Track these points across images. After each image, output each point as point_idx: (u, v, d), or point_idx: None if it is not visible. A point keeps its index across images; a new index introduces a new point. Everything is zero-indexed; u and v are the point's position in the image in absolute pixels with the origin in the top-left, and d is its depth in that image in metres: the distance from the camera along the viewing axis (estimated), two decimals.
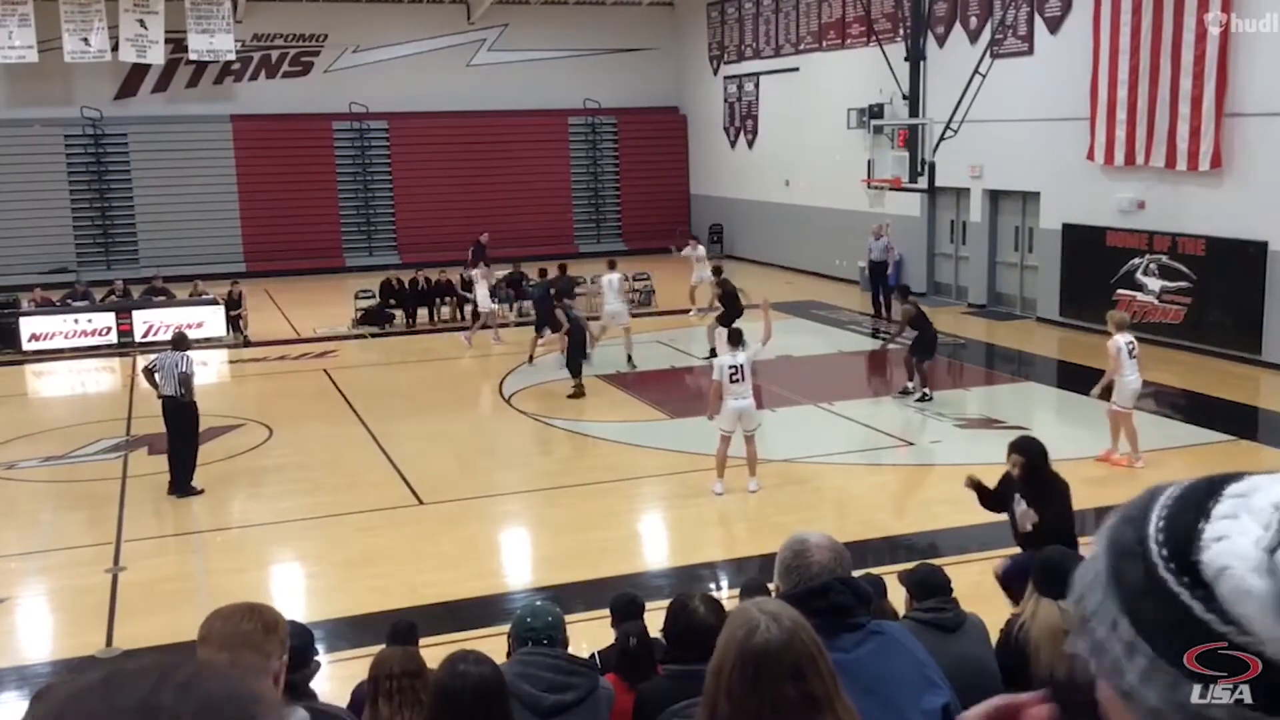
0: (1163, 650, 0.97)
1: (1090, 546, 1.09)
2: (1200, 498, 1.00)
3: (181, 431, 12.15)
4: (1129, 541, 1.02)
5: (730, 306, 17.48)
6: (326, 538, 11.07)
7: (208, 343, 20.62)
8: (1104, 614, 1.02)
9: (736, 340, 11.86)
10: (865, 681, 2.59)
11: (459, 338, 20.31)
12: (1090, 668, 1.05)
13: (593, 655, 5.89)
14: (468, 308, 22.32)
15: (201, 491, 12.18)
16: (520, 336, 19.44)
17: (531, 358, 18.04)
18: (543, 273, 19.47)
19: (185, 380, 11.95)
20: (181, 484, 12.15)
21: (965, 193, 22.97)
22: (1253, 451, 13.30)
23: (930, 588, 5.09)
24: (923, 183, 21.64)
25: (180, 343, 12.34)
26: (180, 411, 12.08)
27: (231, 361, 19.44)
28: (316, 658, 4.25)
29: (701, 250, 23.75)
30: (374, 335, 21.59)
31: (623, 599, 6.18)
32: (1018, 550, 7.25)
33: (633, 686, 4.74)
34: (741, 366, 11.49)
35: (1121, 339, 12.01)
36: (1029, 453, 7.17)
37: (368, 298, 22.79)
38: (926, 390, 15.34)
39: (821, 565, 2.70)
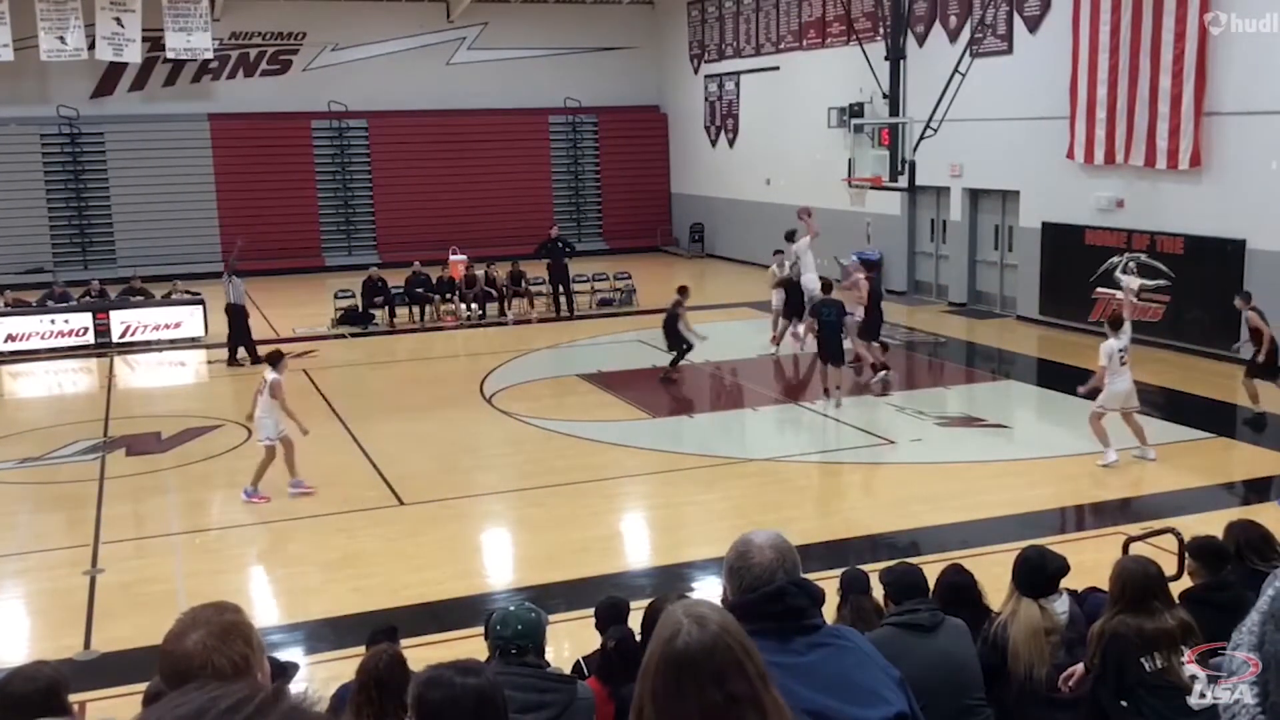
0: None
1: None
2: None
3: None
4: None
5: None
6: (306, 539, 11.01)
7: (188, 342, 20.56)
8: None
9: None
10: (820, 685, 2.56)
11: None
12: None
13: (577, 661, 5.87)
14: (444, 308, 22.22)
15: None
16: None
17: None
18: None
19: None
20: None
21: (945, 191, 23.03)
22: (1230, 449, 13.39)
23: (907, 587, 5.10)
24: (903, 181, 21.67)
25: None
26: None
27: (210, 362, 19.32)
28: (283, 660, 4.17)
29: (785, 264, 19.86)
30: (354, 335, 21.50)
31: (605, 603, 6.16)
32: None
33: (615, 690, 4.72)
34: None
35: None
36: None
37: (347, 297, 22.70)
38: (884, 368, 16.29)
39: (763, 566, 2.65)
